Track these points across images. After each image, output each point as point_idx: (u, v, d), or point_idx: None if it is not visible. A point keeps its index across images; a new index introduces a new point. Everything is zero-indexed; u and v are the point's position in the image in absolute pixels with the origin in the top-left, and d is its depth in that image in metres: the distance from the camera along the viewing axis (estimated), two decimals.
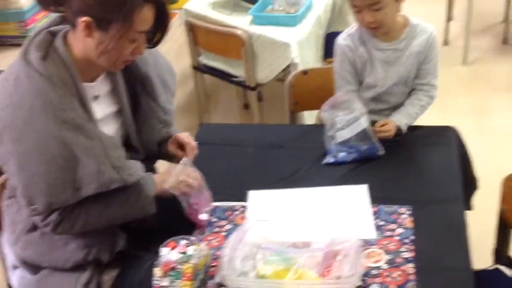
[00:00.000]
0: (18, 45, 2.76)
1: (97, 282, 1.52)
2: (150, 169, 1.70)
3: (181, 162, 1.56)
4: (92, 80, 1.49)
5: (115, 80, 1.56)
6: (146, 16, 1.38)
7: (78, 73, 1.41)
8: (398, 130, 1.82)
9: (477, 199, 2.00)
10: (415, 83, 1.88)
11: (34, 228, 1.52)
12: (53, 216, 1.42)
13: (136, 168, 1.49)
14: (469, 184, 1.92)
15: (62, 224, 1.43)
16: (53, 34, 1.43)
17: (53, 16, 1.49)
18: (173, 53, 1.56)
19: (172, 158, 1.70)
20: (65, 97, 1.36)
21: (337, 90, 1.89)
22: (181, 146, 1.68)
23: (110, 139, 1.43)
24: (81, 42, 1.39)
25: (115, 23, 1.34)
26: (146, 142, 1.66)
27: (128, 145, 1.63)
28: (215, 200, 1.62)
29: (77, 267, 1.51)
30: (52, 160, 1.33)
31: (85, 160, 1.36)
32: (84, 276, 1.51)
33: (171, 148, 1.69)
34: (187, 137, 1.69)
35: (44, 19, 2.88)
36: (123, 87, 1.57)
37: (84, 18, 1.33)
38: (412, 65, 1.85)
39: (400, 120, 1.84)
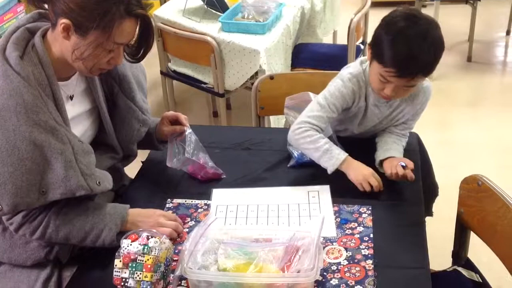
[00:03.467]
0: None
1: (58, 278, 1.52)
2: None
3: (186, 132, 1.70)
4: (67, 79, 1.49)
5: (90, 79, 1.55)
6: (127, 29, 1.38)
7: (54, 73, 1.40)
8: None
9: (438, 208, 2.05)
10: (397, 131, 1.79)
11: None
12: (17, 218, 1.41)
13: (106, 179, 1.48)
14: (429, 190, 1.96)
15: (23, 228, 1.42)
16: (31, 32, 1.42)
17: (30, 13, 1.49)
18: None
19: (161, 143, 1.78)
20: (40, 98, 1.35)
21: (315, 104, 1.72)
22: (173, 122, 1.74)
23: (81, 145, 1.42)
24: (59, 42, 1.39)
25: (94, 31, 1.34)
26: (125, 141, 1.66)
27: (105, 144, 1.63)
28: (179, 198, 1.63)
29: (37, 264, 1.51)
30: (20, 162, 1.32)
31: (55, 164, 1.35)
32: (44, 273, 1.51)
33: (166, 128, 1.74)
34: (173, 112, 1.76)
35: (12, 19, 2.87)
36: (99, 86, 1.57)
37: (64, 20, 1.33)
38: (399, 120, 1.77)
39: (400, 156, 1.71)
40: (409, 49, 1.51)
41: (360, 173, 1.62)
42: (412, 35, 1.52)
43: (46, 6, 1.40)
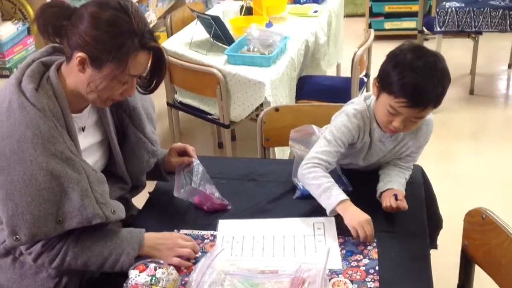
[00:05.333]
0: None
1: None
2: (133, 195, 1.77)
3: (194, 164, 1.72)
4: (80, 111, 1.52)
5: (102, 111, 1.59)
6: (141, 61, 1.42)
7: (68, 105, 1.43)
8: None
9: (443, 240, 2.05)
10: (401, 164, 1.81)
11: (6, 253, 1.51)
12: (36, 247, 1.42)
13: (118, 208, 1.50)
14: (433, 222, 1.97)
15: (43, 257, 1.43)
16: (45, 65, 1.46)
17: (45, 47, 1.53)
18: None
19: (169, 174, 1.80)
20: (55, 129, 1.37)
21: (322, 140, 1.73)
22: (181, 153, 1.77)
23: (95, 174, 1.45)
24: (74, 75, 1.42)
25: (109, 64, 1.37)
26: (135, 172, 1.69)
27: (114, 174, 1.65)
28: (186, 228, 1.64)
29: None
30: (38, 192, 1.34)
31: (71, 193, 1.37)
32: None
33: (174, 159, 1.77)
34: (181, 144, 1.79)
35: (22, 51, 2.92)
36: (110, 118, 1.60)
37: (80, 54, 1.36)
38: (403, 153, 1.79)
39: (399, 189, 1.73)
40: (418, 79, 1.53)
41: (355, 218, 1.57)
42: (420, 66, 1.55)
43: (61, 40, 1.43)
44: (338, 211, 1.61)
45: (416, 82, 1.53)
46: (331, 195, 1.62)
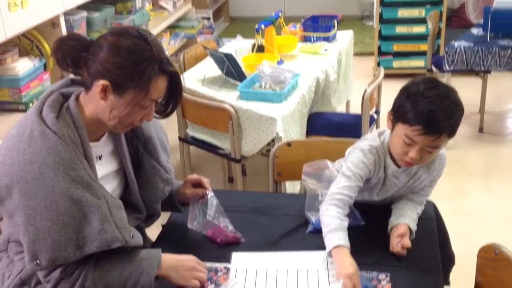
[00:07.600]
0: (11, 110, 2.88)
1: None
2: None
3: (208, 196, 1.74)
4: (96, 140, 1.55)
5: (117, 140, 1.62)
6: (160, 86, 1.46)
7: (86, 134, 1.47)
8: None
9: (455, 277, 2.04)
10: (414, 198, 1.82)
11: (22, 284, 1.52)
12: (55, 273, 1.43)
13: (137, 234, 1.52)
14: (446, 258, 1.96)
15: (62, 283, 1.43)
16: (64, 96, 1.50)
17: (63, 79, 1.58)
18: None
19: (183, 206, 1.81)
20: (75, 155, 1.41)
21: (342, 177, 1.73)
22: (195, 185, 1.79)
23: (114, 200, 1.47)
24: (94, 103, 1.46)
25: (132, 90, 1.41)
26: (149, 201, 1.71)
27: (129, 204, 1.67)
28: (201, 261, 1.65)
29: None
30: (59, 217, 1.36)
31: (91, 218, 1.39)
32: None
33: (189, 191, 1.78)
34: (196, 176, 1.80)
35: (38, 87, 2.97)
36: (125, 147, 1.63)
37: (102, 82, 1.40)
38: (417, 187, 1.81)
39: (411, 224, 1.73)
40: (432, 106, 1.56)
41: (343, 269, 1.52)
42: (433, 95, 1.58)
43: (80, 71, 1.47)
44: (332, 255, 1.59)
45: (430, 109, 1.56)
46: (333, 237, 1.61)
